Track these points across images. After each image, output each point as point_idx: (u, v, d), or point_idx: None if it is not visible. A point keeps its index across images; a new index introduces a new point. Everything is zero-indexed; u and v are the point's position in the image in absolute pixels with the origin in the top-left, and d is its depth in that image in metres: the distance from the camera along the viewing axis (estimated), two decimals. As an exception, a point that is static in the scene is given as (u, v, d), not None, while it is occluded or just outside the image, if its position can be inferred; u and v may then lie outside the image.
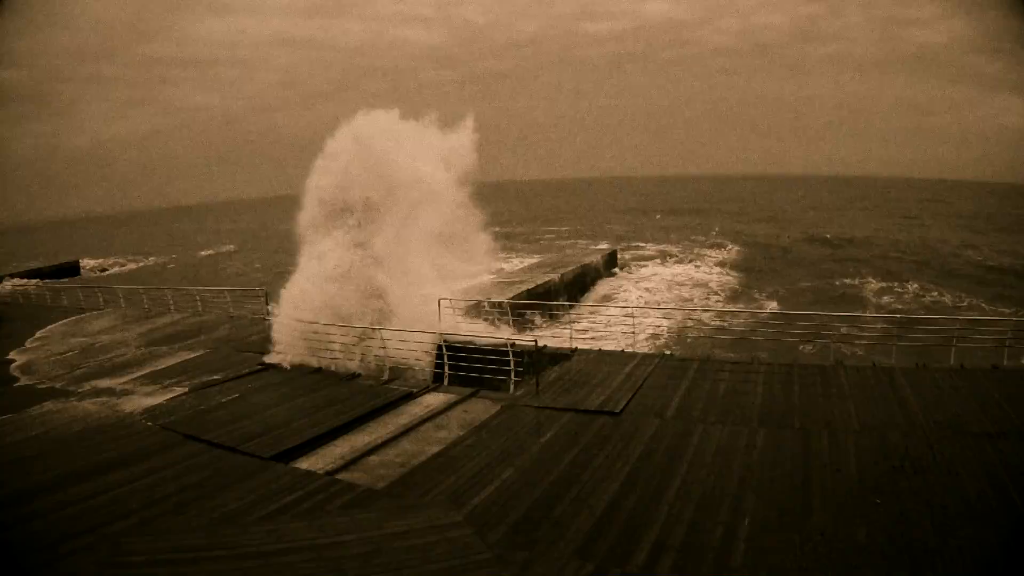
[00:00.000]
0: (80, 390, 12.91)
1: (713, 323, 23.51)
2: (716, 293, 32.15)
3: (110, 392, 12.69)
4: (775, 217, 74.45)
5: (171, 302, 22.69)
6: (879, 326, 15.79)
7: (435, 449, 9.03)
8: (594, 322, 23.30)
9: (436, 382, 12.51)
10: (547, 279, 25.76)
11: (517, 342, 12.44)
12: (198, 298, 22.29)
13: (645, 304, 26.89)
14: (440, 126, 16.65)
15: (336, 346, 13.31)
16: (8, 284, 36.49)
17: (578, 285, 29.22)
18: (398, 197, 15.08)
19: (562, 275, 27.32)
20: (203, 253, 68.21)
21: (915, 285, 32.28)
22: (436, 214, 16.10)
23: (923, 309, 26.95)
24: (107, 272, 53.26)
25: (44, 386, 13.43)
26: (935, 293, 30.87)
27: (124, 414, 11.16)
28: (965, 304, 28.67)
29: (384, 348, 12.89)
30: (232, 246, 73.04)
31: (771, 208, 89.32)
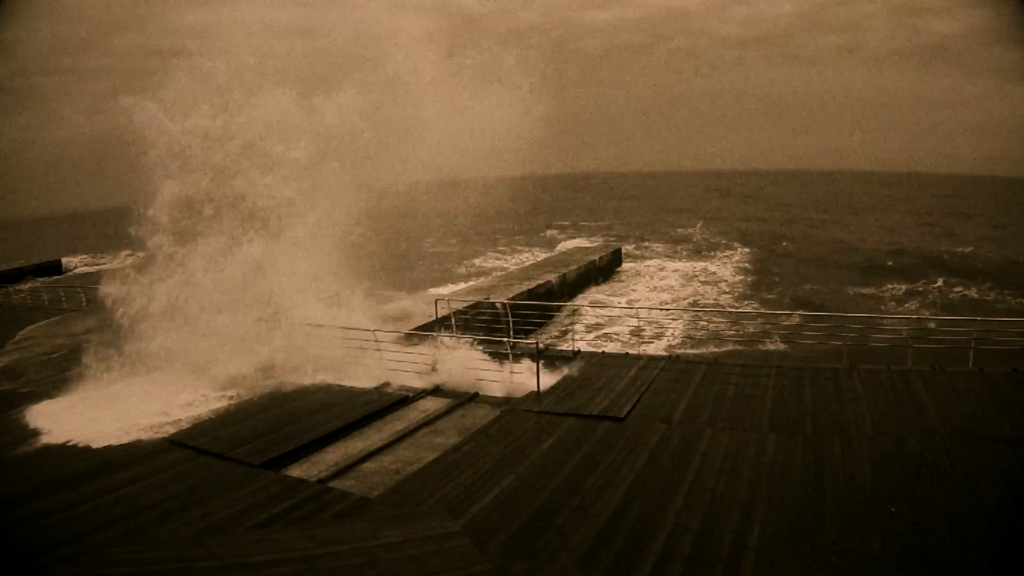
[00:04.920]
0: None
1: (721, 324, 23.52)
2: (726, 292, 32.16)
3: (93, 396, 12.65)
4: (786, 213, 74.44)
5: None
6: (894, 328, 15.79)
7: (432, 456, 9.02)
8: (597, 323, 23.34)
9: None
10: (549, 278, 25.77)
11: (517, 344, 12.44)
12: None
13: (650, 304, 26.89)
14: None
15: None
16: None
17: (581, 284, 29.23)
18: None
19: (564, 274, 27.33)
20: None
21: (939, 283, 32.31)
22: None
23: (944, 309, 26.96)
24: (94, 269, 53.09)
25: (26, 390, 13.42)
26: (959, 288, 30.93)
27: (108, 419, 11.13)
28: (991, 297, 28.72)
29: (379, 351, 12.89)
30: None
31: (781, 205, 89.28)
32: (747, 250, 44.40)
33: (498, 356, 12.41)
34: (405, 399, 11.49)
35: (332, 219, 14.75)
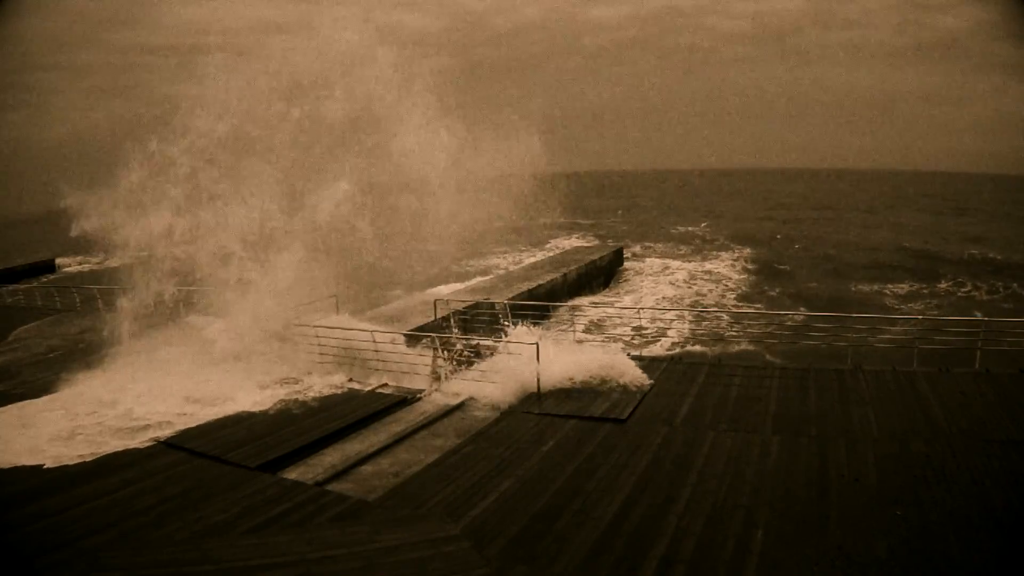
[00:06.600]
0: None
1: (724, 324, 23.51)
2: (730, 291, 32.17)
3: (88, 398, 12.64)
4: (791, 212, 74.44)
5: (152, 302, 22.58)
6: (900, 328, 15.79)
7: (431, 458, 9.03)
8: (599, 324, 23.31)
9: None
10: (549, 278, 25.77)
11: (517, 345, 12.44)
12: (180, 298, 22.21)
13: (652, 305, 26.89)
14: None
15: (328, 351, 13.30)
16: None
17: (582, 284, 29.23)
18: None
19: (565, 274, 27.33)
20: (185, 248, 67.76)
21: (946, 283, 32.31)
22: None
23: (950, 309, 26.96)
24: (88, 268, 53.00)
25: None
26: (967, 288, 30.97)
27: (103, 421, 11.13)
28: (999, 297, 28.72)
29: (377, 351, 12.90)
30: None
31: (786, 203, 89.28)
32: (751, 249, 44.41)
33: (497, 357, 12.41)
34: (404, 401, 11.49)
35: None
